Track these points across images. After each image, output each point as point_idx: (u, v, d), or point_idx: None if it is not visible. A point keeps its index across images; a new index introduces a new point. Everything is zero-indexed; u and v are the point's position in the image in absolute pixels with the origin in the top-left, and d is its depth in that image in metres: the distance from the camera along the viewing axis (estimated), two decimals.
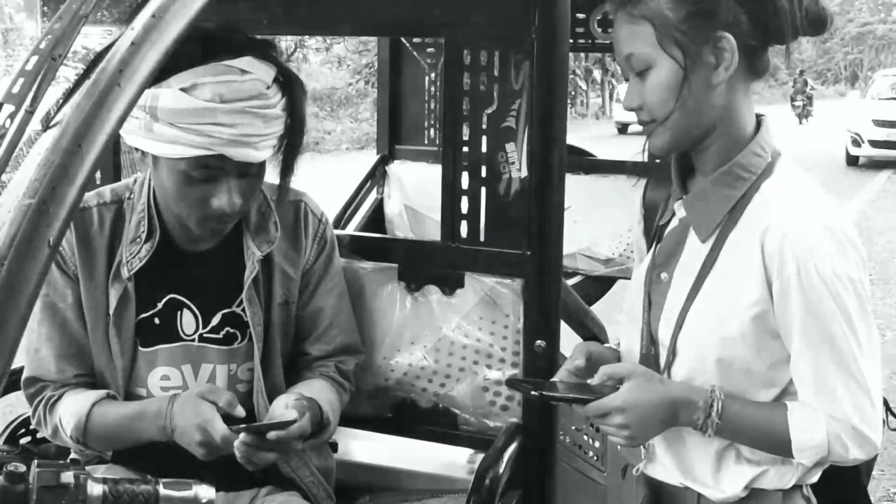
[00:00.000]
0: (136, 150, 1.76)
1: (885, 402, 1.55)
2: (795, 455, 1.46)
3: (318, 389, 1.87)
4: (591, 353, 1.60)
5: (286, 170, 1.81)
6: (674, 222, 1.61)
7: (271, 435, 1.64)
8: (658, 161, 1.63)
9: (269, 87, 1.69)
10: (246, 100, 1.65)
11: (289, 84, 1.74)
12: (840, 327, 1.41)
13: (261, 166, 1.76)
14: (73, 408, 1.79)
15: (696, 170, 1.58)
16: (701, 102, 1.46)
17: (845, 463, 1.48)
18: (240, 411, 1.71)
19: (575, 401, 1.51)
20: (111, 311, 1.81)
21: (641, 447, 1.64)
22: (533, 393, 1.54)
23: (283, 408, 1.72)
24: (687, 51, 1.43)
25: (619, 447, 1.73)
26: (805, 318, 1.42)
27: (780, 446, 1.47)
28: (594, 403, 1.48)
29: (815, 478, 1.56)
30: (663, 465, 1.61)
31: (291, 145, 1.77)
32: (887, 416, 1.58)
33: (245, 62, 1.67)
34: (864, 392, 1.43)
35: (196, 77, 1.63)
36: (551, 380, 1.62)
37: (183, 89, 1.63)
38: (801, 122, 27.02)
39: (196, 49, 1.62)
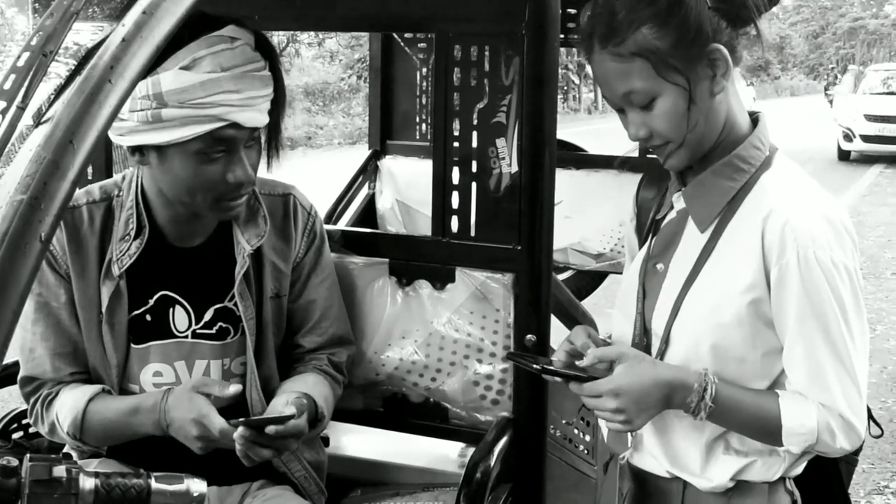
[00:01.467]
0: (135, 152, 1.75)
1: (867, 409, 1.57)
2: (784, 441, 1.47)
3: (313, 384, 1.87)
4: (589, 334, 1.61)
5: (275, 131, 1.84)
6: (671, 215, 1.62)
7: (270, 429, 1.64)
8: (651, 157, 1.64)
9: (254, 51, 1.74)
10: (243, 64, 1.70)
11: (267, 47, 1.78)
12: (835, 317, 1.43)
13: (259, 133, 1.79)
14: (69, 404, 1.80)
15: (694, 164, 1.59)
16: (709, 113, 1.49)
17: (831, 453, 1.50)
18: (233, 389, 1.72)
19: (576, 378, 1.52)
20: (103, 309, 1.81)
21: (629, 436, 1.65)
22: (535, 367, 1.56)
23: (283, 405, 1.73)
24: (687, 73, 1.45)
25: (605, 438, 1.74)
26: (801, 306, 1.44)
27: (769, 432, 1.48)
28: (588, 384, 1.49)
29: (799, 469, 1.58)
30: (651, 455, 1.62)
31: (277, 106, 1.81)
32: (869, 424, 1.60)
33: (231, 30, 1.71)
34: (853, 383, 1.45)
35: (192, 53, 1.65)
36: (549, 359, 1.64)
37: (184, 68, 1.65)
38: (832, 107, 31.75)
39: (182, 30, 1.63)
